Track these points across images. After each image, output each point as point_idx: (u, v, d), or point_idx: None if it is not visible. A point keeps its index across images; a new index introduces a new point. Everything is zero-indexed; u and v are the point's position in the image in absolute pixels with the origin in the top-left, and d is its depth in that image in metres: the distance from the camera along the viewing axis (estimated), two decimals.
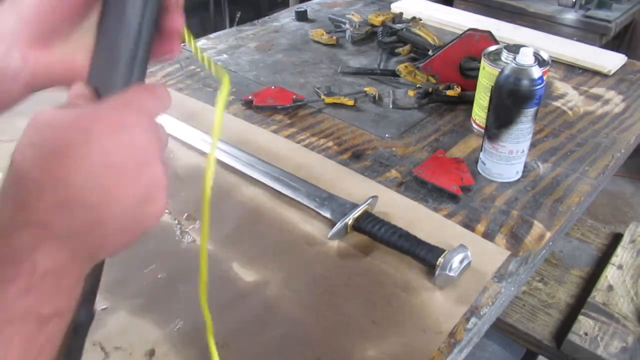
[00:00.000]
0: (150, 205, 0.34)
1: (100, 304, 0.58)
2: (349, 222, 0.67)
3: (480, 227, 0.71)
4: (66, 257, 0.30)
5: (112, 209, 0.32)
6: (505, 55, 0.84)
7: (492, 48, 0.88)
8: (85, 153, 0.31)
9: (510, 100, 0.72)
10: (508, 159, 0.77)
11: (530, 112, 0.73)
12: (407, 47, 1.16)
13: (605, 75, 1.14)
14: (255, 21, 1.39)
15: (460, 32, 1.00)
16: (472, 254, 0.62)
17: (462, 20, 1.35)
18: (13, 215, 0.30)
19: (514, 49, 0.81)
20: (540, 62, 0.80)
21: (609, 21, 1.97)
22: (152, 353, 0.54)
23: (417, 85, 1.00)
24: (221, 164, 0.80)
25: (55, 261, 0.30)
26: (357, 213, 0.68)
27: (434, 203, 0.75)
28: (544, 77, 0.73)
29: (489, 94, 0.79)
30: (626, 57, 1.19)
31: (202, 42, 1.24)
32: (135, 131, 0.33)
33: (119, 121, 0.33)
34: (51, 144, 0.30)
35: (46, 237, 0.30)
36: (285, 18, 1.41)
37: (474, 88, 0.90)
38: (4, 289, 0.28)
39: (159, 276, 0.62)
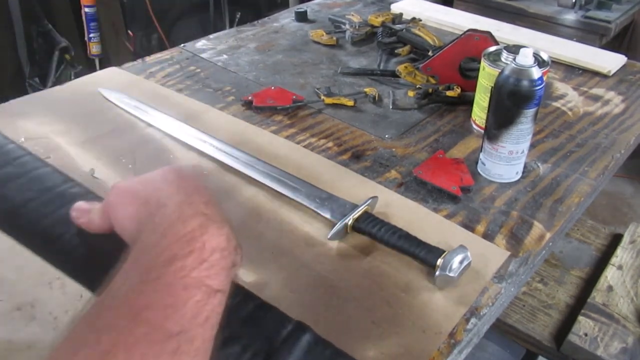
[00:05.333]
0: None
1: None
2: (349, 223, 0.67)
3: (480, 228, 0.71)
4: (224, 239, 0.39)
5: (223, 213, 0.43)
6: (505, 56, 0.84)
7: (492, 49, 0.88)
8: (191, 178, 0.45)
9: (510, 101, 0.72)
10: (508, 160, 0.77)
11: (530, 112, 0.73)
12: (407, 48, 1.16)
13: (605, 76, 1.14)
14: (255, 22, 1.39)
15: (460, 32, 1.00)
16: (472, 255, 0.62)
17: (461, 20, 1.35)
18: (183, 210, 0.40)
19: (514, 49, 0.81)
20: (540, 62, 0.80)
21: (608, 22, 1.97)
22: None
23: (417, 86, 1.00)
24: (221, 164, 0.80)
25: (218, 241, 0.38)
26: (357, 213, 0.68)
27: (433, 203, 0.75)
28: (544, 78, 0.73)
29: (488, 95, 0.79)
30: (626, 58, 1.19)
31: (202, 42, 1.24)
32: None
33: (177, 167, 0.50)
34: (169, 177, 0.44)
35: (209, 223, 0.39)
36: (285, 19, 1.41)
37: (473, 89, 0.91)
38: (183, 261, 0.36)
39: None
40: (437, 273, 0.60)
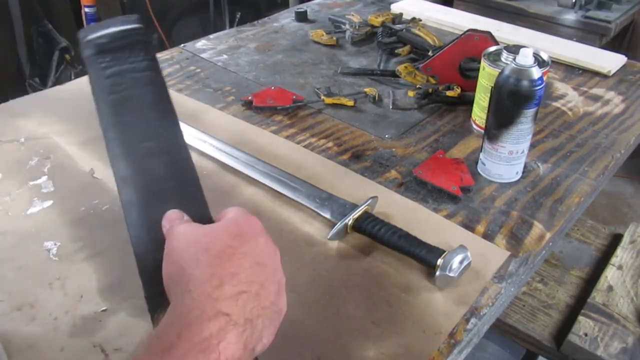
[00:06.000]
0: (281, 300, 0.41)
1: (99, 305, 0.58)
2: (349, 223, 0.67)
3: (480, 228, 0.71)
4: (240, 348, 0.35)
5: (267, 300, 0.38)
6: (505, 56, 0.84)
7: (492, 49, 0.88)
8: (244, 252, 0.39)
9: (510, 101, 0.72)
10: (508, 160, 0.77)
11: (530, 112, 0.73)
12: (407, 48, 1.16)
13: (605, 76, 1.14)
14: (255, 22, 1.39)
15: (460, 32, 1.00)
16: (472, 255, 0.62)
17: (461, 20, 1.35)
18: (205, 308, 0.35)
19: (514, 49, 0.81)
20: (540, 62, 0.80)
21: (608, 22, 1.97)
22: None
23: (417, 86, 1.00)
24: (221, 164, 0.80)
25: (233, 352, 0.34)
26: (357, 213, 0.68)
27: (433, 203, 0.75)
28: (544, 78, 0.73)
29: (488, 95, 0.79)
30: (626, 58, 1.19)
31: (202, 42, 1.24)
32: (266, 236, 0.42)
33: (255, 227, 0.42)
34: (215, 249, 0.39)
35: (229, 328, 0.35)
36: (285, 19, 1.41)
37: (473, 89, 0.91)
38: None
39: None
40: (437, 273, 0.60)
